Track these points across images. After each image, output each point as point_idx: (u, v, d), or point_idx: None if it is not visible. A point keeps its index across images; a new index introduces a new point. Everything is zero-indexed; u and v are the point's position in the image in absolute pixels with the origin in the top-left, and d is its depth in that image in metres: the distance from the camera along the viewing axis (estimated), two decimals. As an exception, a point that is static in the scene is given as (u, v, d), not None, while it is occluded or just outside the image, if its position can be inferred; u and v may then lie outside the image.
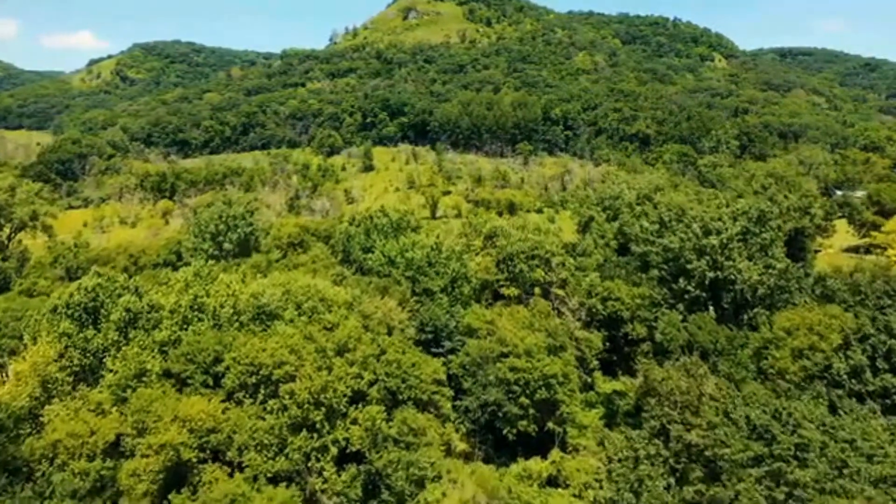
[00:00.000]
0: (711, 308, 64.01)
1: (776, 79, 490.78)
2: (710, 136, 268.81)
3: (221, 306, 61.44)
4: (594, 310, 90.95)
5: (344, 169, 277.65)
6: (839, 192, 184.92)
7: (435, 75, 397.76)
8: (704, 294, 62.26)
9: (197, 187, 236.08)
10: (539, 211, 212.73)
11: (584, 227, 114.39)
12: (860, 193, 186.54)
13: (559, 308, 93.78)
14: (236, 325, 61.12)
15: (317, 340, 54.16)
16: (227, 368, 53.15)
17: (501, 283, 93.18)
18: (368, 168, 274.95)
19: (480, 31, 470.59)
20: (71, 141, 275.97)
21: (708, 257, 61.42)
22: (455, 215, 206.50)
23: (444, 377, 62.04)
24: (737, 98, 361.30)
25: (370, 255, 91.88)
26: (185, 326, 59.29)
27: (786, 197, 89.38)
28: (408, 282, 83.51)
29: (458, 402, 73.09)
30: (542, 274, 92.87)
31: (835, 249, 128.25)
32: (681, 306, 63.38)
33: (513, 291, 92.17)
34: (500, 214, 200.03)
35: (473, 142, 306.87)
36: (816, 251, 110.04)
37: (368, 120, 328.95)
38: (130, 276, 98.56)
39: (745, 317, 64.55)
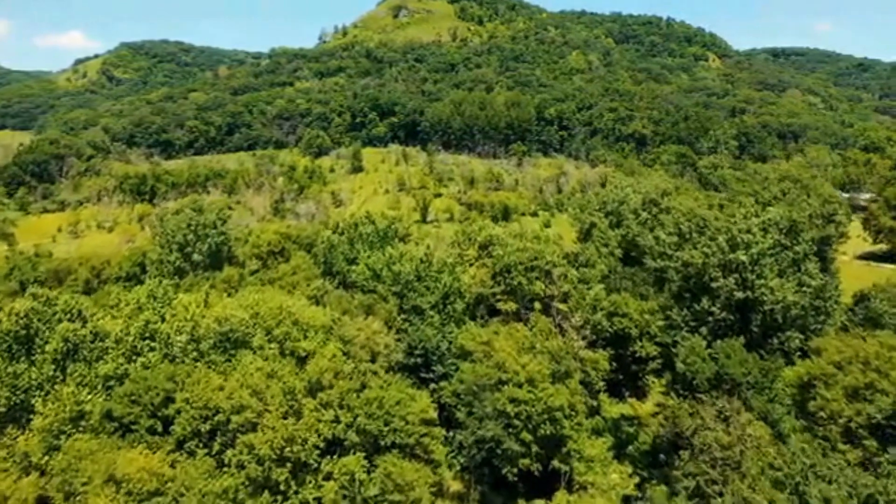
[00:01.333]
0: (736, 331, 56.08)
1: (771, 78, 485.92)
2: (708, 137, 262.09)
3: (177, 333, 53.11)
4: (599, 327, 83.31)
5: (332, 170, 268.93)
6: (845, 195, 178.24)
7: (426, 74, 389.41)
8: (732, 317, 54.42)
9: (178, 190, 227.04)
10: (534, 214, 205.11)
11: (585, 235, 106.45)
12: (866, 196, 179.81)
13: (561, 324, 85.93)
14: (194, 355, 52.84)
15: (284, 379, 45.92)
16: (179, 412, 44.87)
17: (498, 297, 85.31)
18: (357, 169, 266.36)
19: (472, 29, 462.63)
20: (48, 142, 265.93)
21: (736, 275, 53.58)
22: (447, 219, 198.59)
23: (433, 415, 53.94)
24: (733, 98, 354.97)
25: (354, 266, 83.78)
26: (133, 358, 50.99)
27: (808, 203, 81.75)
28: (395, 298, 75.44)
29: (450, 435, 65.34)
30: (542, 287, 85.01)
31: (849, 257, 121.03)
32: (704, 329, 55.46)
33: (510, 306, 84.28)
34: (493, 218, 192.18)
35: (466, 142, 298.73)
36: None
37: (358, 120, 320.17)
38: (89, 292, 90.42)
39: (775, 341, 56.75)
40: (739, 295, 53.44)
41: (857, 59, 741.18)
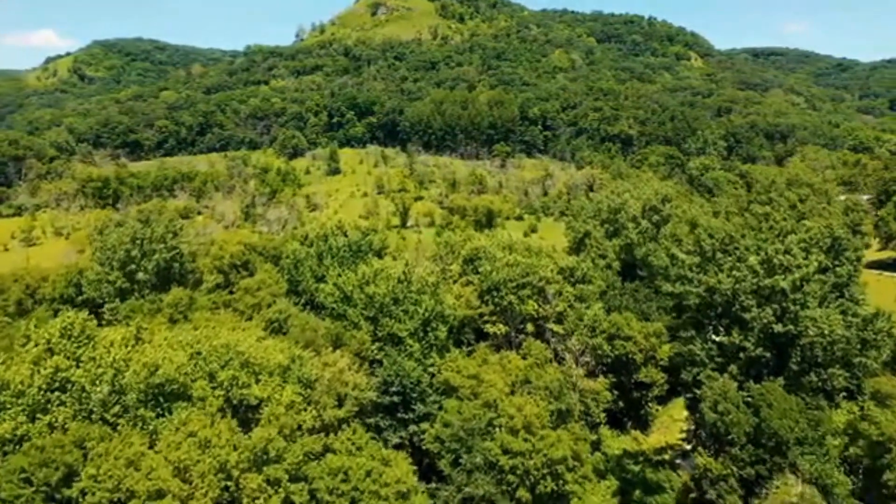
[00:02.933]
0: (772, 369, 47.06)
1: (753, 78, 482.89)
2: (696, 137, 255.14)
3: (96, 383, 42.91)
4: (600, 351, 74.20)
5: (308, 172, 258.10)
6: (842, 197, 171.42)
7: (406, 73, 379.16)
8: (768, 354, 45.37)
9: (144, 193, 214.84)
10: (519, 218, 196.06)
11: (578, 245, 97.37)
12: (866, 197, 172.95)
13: (556, 348, 76.77)
14: (117, 410, 42.72)
15: (220, 448, 35.96)
16: (84, 493, 34.77)
17: (486, 318, 75.87)
18: (334, 171, 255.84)
19: (453, 27, 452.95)
20: (7, 142, 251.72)
21: (776, 305, 44.56)
22: (428, 223, 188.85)
23: (413, 482, 44.25)
24: (718, 97, 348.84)
25: (323, 284, 73.77)
26: (35, 417, 40.73)
27: (828, 211, 73.31)
28: (368, 324, 65.55)
29: (432, 487, 55.83)
30: (535, 307, 75.72)
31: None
32: (733, 367, 46.35)
33: (500, 329, 74.83)
34: (477, 223, 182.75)
35: (447, 143, 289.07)
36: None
37: (335, 120, 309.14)
38: (23, 314, 79.41)
39: (814, 377, 47.78)
40: (778, 329, 44.43)
41: (836, 59, 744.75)
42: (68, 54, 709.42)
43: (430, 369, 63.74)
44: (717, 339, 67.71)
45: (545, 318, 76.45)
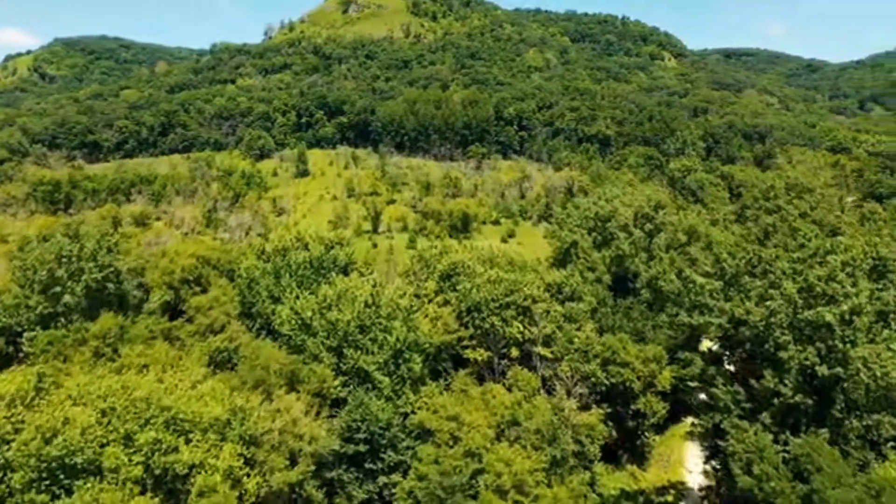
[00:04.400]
0: (810, 416, 39.23)
1: (727, 78, 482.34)
2: (674, 138, 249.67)
3: (-27, 455, 33.45)
4: (594, 379, 66.25)
5: (275, 174, 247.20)
6: (848, 199, 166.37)
7: (378, 71, 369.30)
8: (810, 401, 37.57)
9: (99, 197, 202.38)
10: (496, 222, 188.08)
11: (563, 256, 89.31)
12: (850, 199, 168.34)
13: (545, 376, 68.63)
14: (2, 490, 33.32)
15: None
16: None
17: (465, 342, 67.41)
18: (303, 173, 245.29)
19: (426, 25, 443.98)
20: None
21: (820, 343, 36.78)
22: (401, 228, 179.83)
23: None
24: (694, 97, 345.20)
25: (281, 306, 64.68)
26: None
27: (843, 222, 66.26)
28: (331, 355, 56.61)
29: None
30: (521, 328, 67.45)
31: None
32: (765, 415, 38.46)
33: (481, 355, 66.34)
34: (452, 227, 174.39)
35: (420, 144, 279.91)
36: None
37: (304, 120, 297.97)
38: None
39: (855, 423, 40.05)
40: (823, 371, 36.67)
41: (806, 60, 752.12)
42: (28, 52, 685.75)
43: (403, 408, 55.14)
44: (711, 346, 60.11)
45: (531, 341, 68.24)
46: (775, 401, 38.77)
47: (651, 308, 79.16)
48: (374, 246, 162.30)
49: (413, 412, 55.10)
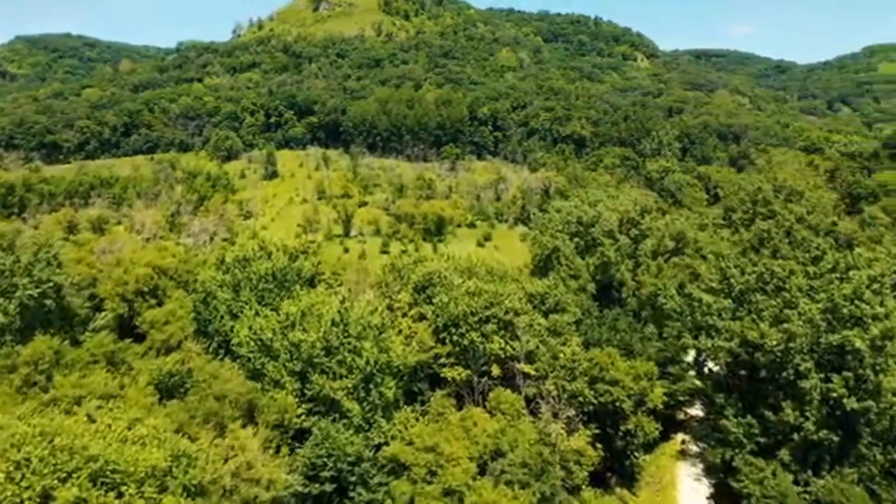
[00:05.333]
0: (833, 451, 34.71)
1: (699, 79, 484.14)
2: (650, 138, 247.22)
3: None
4: (581, 398, 61.62)
5: (243, 176, 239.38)
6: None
7: (349, 70, 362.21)
8: (835, 437, 33.08)
9: (56, 201, 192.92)
10: (472, 225, 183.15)
11: (544, 263, 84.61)
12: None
13: (528, 394, 63.83)
14: None
15: None
16: None
17: (442, 360, 62.31)
18: (272, 175, 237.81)
19: (398, 24, 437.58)
20: None
21: (849, 372, 32.31)
22: (373, 232, 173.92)
23: None
24: (668, 97, 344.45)
25: (240, 324, 58.86)
26: None
27: (845, 226, 62.45)
28: (294, 380, 51.00)
29: None
30: (502, 344, 62.56)
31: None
32: (784, 452, 33.87)
33: (460, 373, 61.34)
34: (426, 231, 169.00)
35: (393, 144, 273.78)
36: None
37: (273, 119, 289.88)
38: None
39: (878, 454, 35.66)
40: (853, 405, 32.23)
41: (775, 61, 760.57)
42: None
43: (375, 439, 49.76)
44: (701, 346, 55.41)
45: (514, 357, 63.40)
46: (795, 436, 34.29)
47: (638, 318, 74.93)
48: (346, 251, 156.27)
49: (386, 443, 49.88)
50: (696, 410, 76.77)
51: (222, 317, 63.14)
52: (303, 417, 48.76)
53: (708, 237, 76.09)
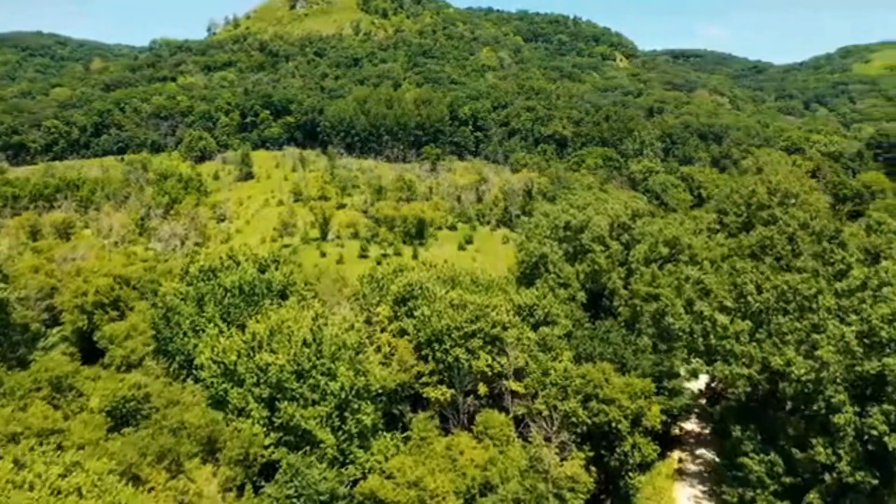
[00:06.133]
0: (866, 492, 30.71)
1: (678, 79, 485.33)
2: (632, 138, 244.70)
3: None
4: (574, 419, 57.40)
5: (217, 177, 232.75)
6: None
7: (326, 69, 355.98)
8: (873, 479, 29.13)
9: (20, 204, 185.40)
10: (452, 228, 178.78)
11: (531, 270, 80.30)
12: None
13: (517, 415, 59.53)
14: None
15: None
16: None
17: (425, 379, 57.73)
18: (247, 176, 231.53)
19: (376, 22, 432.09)
20: None
21: (890, 405, 28.38)
22: (351, 235, 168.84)
23: None
24: (649, 97, 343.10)
25: (202, 343, 53.77)
26: None
27: (850, 236, 59.02)
28: (261, 408, 46.12)
29: None
30: (489, 360, 58.11)
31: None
32: (813, 495, 29.84)
33: (444, 393, 56.81)
34: (406, 234, 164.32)
35: (371, 145, 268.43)
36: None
37: (248, 119, 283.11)
38: None
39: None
40: (894, 443, 28.32)
41: (752, 61, 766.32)
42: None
43: (351, 473, 45.03)
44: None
45: (501, 374, 59.00)
46: (826, 476, 30.35)
47: (631, 329, 70.95)
48: (323, 255, 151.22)
49: (364, 476, 45.15)
50: (692, 425, 73.08)
51: (185, 333, 58.05)
52: (271, 449, 43.94)
53: (702, 243, 72.30)
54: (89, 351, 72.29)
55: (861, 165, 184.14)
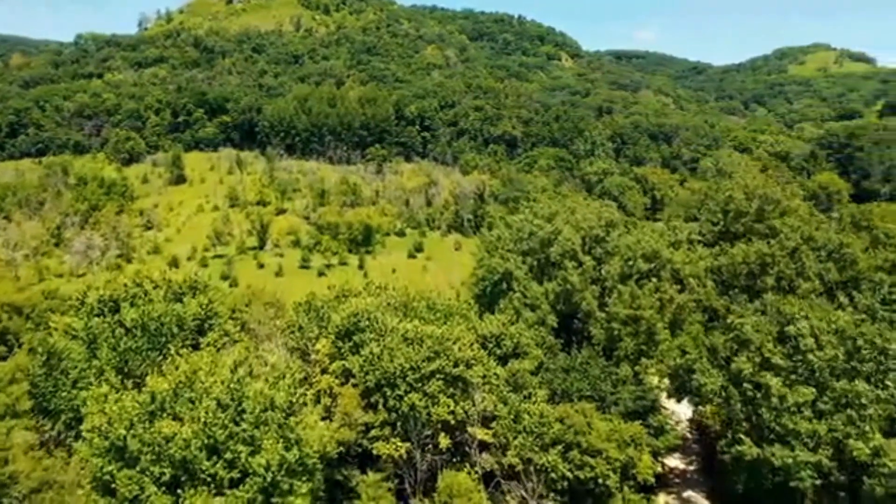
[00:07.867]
0: None
1: (623, 79, 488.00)
2: (583, 138, 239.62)
3: None
4: (554, 474, 48.67)
5: (146, 181, 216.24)
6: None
7: (265, 66, 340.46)
8: None
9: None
10: (401, 234, 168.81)
11: (493, 291, 71.29)
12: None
13: (486, 470, 50.44)
14: None
15: None
16: None
17: (375, 432, 47.91)
18: (179, 179, 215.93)
19: (317, 18, 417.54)
20: None
21: None
22: (292, 243, 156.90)
23: None
24: (596, 97, 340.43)
25: (89, 400, 42.23)
26: None
27: (845, 249, 52.07)
28: (161, 493, 35.31)
29: None
30: (451, 405, 48.62)
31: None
32: None
33: (397, 448, 46.97)
34: (352, 242, 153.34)
35: (313, 145, 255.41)
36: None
37: (181, 119, 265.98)
38: None
39: None
40: None
41: (692, 62, 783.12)
42: None
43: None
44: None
45: (466, 421, 49.60)
46: None
47: (609, 357, 62.68)
48: (261, 266, 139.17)
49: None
50: (676, 461, 65.60)
51: (75, 382, 46.68)
52: (172, 552, 33.28)
53: (683, 256, 64.48)
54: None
55: (815, 166, 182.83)
